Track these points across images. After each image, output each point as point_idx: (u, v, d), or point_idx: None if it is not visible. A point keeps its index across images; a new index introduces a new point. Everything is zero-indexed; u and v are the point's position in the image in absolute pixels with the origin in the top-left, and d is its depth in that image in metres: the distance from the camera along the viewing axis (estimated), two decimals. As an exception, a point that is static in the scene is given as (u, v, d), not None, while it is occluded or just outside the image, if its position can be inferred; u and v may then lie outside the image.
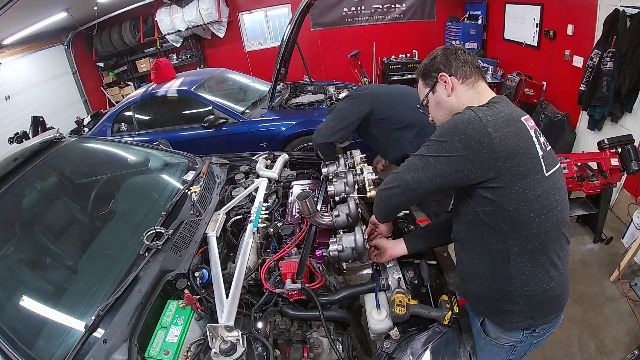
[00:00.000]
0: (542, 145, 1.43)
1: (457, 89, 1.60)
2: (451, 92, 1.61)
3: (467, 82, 1.59)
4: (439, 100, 1.66)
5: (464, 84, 1.59)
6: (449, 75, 1.59)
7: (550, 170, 1.43)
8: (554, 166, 1.46)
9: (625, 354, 2.96)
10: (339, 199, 2.42)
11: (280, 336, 2.10)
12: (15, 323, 1.83)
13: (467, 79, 1.59)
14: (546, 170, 1.41)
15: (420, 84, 1.74)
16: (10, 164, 2.43)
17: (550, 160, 1.45)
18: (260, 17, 9.70)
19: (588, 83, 4.58)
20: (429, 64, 1.67)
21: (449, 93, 1.61)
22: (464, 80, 1.59)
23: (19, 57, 7.69)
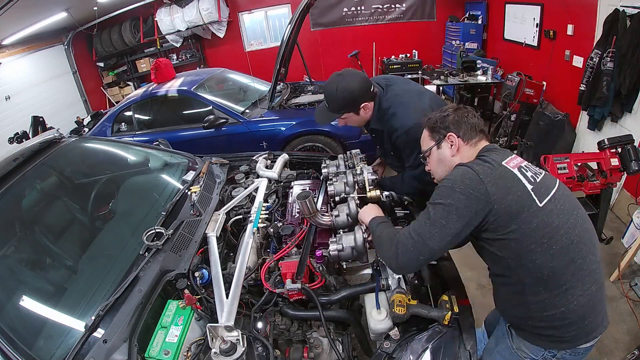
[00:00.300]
0: (531, 179, 1.54)
1: (461, 149, 1.74)
2: (456, 153, 1.75)
3: (471, 143, 1.74)
4: (443, 157, 1.80)
5: (468, 145, 1.74)
6: (457, 137, 1.74)
7: (545, 199, 1.51)
8: (548, 193, 1.54)
9: (625, 354, 2.96)
10: (339, 199, 2.42)
11: (280, 336, 2.10)
12: (15, 323, 1.83)
13: (472, 140, 1.74)
14: (539, 201, 1.50)
15: (426, 135, 1.87)
16: (10, 164, 2.44)
17: (543, 190, 1.53)
18: (260, 17, 9.71)
19: (588, 83, 4.57)
20: (439, 120, 1.79)
21: (454, 153, 1.75)
22: (469, 142, 1.74)
23: (19, 57, 7.69)
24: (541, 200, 1.50)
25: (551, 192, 1.55)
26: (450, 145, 1.76)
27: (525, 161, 1.64)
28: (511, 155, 1.64)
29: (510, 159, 1.60)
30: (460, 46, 8.23)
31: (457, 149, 1.74)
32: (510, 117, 6.19)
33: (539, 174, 1.60)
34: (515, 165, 1.57)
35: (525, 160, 1.65)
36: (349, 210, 2.16)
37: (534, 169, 1.62)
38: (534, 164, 1.68)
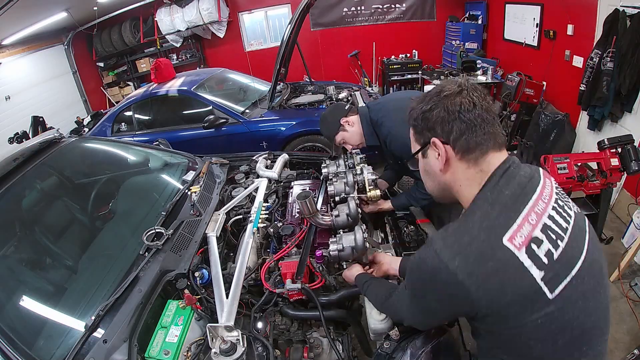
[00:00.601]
0: (545, 258, 1.04)
1: (453, 164, 1.20)
2: (444, 167, 1.22)
3: (468, 158, 1.17)
4: (429, 169, 1.29)
5: (463, 160, 1.18)
6: (444, 144, 1.18)
7: (561, 285, 1.04)
8: (569, 273, 1.06)
9: (625, 354, 2.96)
10: (339, 199, 2.42)
11: (280, 336, 2.09)
12: (15, 323, 1.83)
13: (469, 153, 1.16)
14: (550, 292, 1.03)
15: (412, 134, 1.32)
16: (10, 164, 2.44)
17: (561, 271, 1.05)
18: (260, 17, 9.70)
19: (588, 83, 4.57)
20: (422, 116, 1.22)
21: (441, 167, 1.22)
22: (465, 155, 1.17)
23: (19, 57, 7.69)
24: (555, 287, 1.03)
25: (575, 267, 1.07)
26: (436, 154, 1.21)
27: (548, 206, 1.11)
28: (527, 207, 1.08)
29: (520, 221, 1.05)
30: (460, 46, 8.23)
31: (446, 161, 1.20)
32: (510, 117, 6.20)
33: (564, 236, 1.09)
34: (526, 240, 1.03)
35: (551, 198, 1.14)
36: (349, 210, 2.16)
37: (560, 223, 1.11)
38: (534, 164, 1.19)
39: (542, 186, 1.15)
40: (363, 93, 6.26)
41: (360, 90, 6.43)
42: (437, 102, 1.17)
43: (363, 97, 6.03)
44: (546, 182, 1.18)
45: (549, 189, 1.16)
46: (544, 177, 1.20)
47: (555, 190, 1.17)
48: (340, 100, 5.99)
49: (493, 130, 1.15)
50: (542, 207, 1.10)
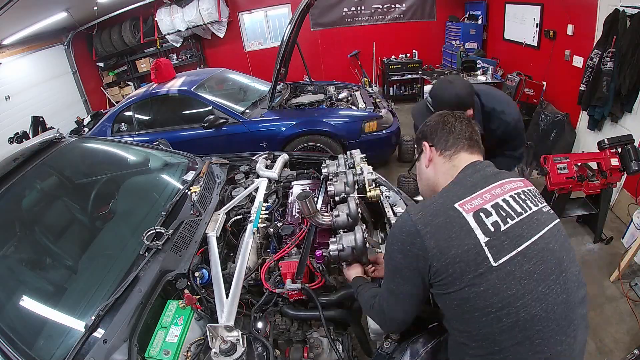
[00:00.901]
0: (492, 227, 1.21)
1: (435, 160, 1.52)
2: (429, 163, 1.54)
3: (445, 155, 1.48)
4: (420, 168, 1.62)
5: (442, 156, 1.49)
6: (430, 146, 1.53)
7: (506, 256, 1.18)
8: (515, 247, 1.20)
9: (625, 354, 2.96)
10: (339, 198, 2.42)
11: (280, 336, 2.09)
12: (15, 323, 1.83)
13: (446, 151, 1.48)
14: (494, 259, 1.17)
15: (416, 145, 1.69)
16: (10, 164, 2.44)
17: (507, 243, 1.20)
18: (260, 17, 9.71)
19: (588, 83, 4.57)
20: (420, 129, 1.62)
21: (427, 164, 1.55)
22: (443, 152, 1.49)
23: (19, 57, 7.69)
24: (499, 256, 1.17)
25: (523, 244, 1.21)
26: (426, 155, 1.55)
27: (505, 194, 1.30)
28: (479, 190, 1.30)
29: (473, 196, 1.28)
30: (460, 46, 8.24)
31: (430, 160, 1.53)
32: (510, 117, 6.19)
33: (515, 216, 1.26)
34: (474, 208, 1.24)
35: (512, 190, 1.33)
36: (349, 210, 2.16)
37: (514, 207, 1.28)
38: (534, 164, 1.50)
39: (506, 181, 1.36)
40: (363, 93, 6.26)
41: (360, 90, 6.43)
42: (433, 118, 1.58)
43: (363, 97, 6.03)
44: (516, 183, 1.38)
45: (514, 185, 1.36)
46: (517, 181, 1.39)
47: (521, 190, 1.35)
48: (341, 101, 6.00)
49: (467, 138, 1.48)
50: (498, 192, 1.31)
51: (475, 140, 1.50)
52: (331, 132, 5.22)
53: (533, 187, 1.43)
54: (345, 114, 5.47)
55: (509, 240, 1.20)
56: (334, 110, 5.63)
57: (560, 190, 3.68)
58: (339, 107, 5.76)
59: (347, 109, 5.68)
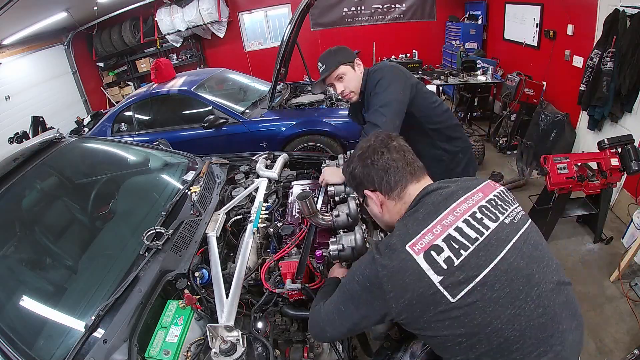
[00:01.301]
0: (445, 264, 1.18)
1: (386, 204, 1.49)
2: (381, 208, 1.51)
3: (393, 196, 1.45)
4: (374, 214, 1.59)
5: (390, 199, 1.46)
6: (373, 191, 1.48)
7: (463, 291, 1.16)
8: (472, 279, 1.17)
9: (625, 353, 2.96)
10: (338, 199, 2.42)
11: (280, 336, 2.09)
12: (15, 323, 1.83)
13: (392, 192, 1.44)
14: (452, 296, 1.15)
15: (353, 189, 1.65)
16: (10, 164, 2.44)
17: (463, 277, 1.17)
18: (260, 17, 9.73)
19: (588, 83, 4.57)
20: (351, 177, 1.55)
21: (380, 210, 1.51)
22: (390, 195, 1.45)
23: (19, 57, 7.70)
24: (456, 292, 1.15)
25: (481, 274, 1.17)
26: (373, 201, 1.50)
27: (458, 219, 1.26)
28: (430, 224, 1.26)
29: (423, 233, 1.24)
30: (460, 46, 8.24)
31: (381, 204, 1.49)
32: (510, 117, 6.21)
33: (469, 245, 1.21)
34: (425, 247, 1.20)
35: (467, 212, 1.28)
36: (349, 210, 2.16)
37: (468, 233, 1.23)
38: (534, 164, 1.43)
39: (461, 201, 1.31)
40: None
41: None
42: (357, 162, 1.49)
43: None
44: (474, 197, 1.33)
45: (470, 202, 1.31)
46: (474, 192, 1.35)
47: (478, 205, 1.31)
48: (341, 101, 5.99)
49: (406, 166, 1.43)
50: (450, 220, 1.26)
51: (414, 164, 1.47)
52: (331, 132, 5.22)
53: (498, 191, 1.40)
54: (345, 114, 5.46)
55: (464, 274, 1.17)
56: (334, 110, 5.63)
57: (560, 190, 3.68)
58: (339, 107, 5.75)
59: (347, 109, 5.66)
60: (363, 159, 1.47)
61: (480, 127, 7.19)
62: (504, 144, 6.35)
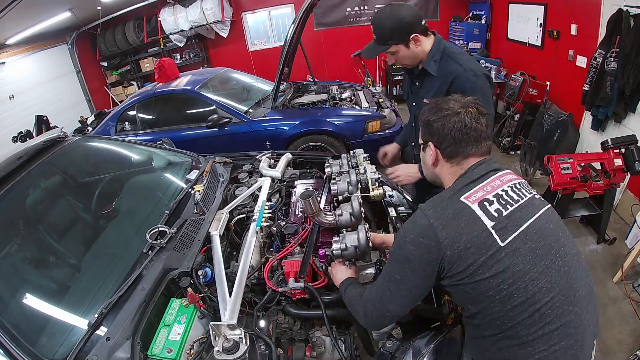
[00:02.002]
0: (495, 213, 1.34)
1: (441, 163, 1.58)
2: (435, 162, 1.59)
3: (452, 161, 1.55)
4: (425, 161, 1.66)
5: (448, 162, 1.56)
6: (435, 147, 1.56)
7: (511, 236, 1.31)
8: (517, 228, 1.34)
9: (627, 355, 2.95)
10: (342, 198, 2.42)
11: (282, 335, 2.10)
12: (18, 320, 1.84)
13: (453, 158, 1.54)
14: (501, 240, 1.30)
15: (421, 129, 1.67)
16: (14, 162, 2.45)
17: (510, 226, 1.33)
18: (263, 16, 9.72)
19: (592, 83, 4.56)
20: (425, 123, 1.60)
21: (433, 162, 1.60)
22: (449, 160, 1.55)
23: (23, 57, 7.72)
24: (505, 237, 1.31)
25: (523, 225, 1.35)
26: (430, 153, 1.59)
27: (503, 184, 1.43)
28: (481, 183, 1.43)
29: (476, 189, 1.41)
30: (463, 46, 8.21)
31: (436, 160, 1.58)
32: (514, 117, 6.18)
33: (513, 203, 1.39)
34: (479, 199, 1.37)
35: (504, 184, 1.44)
36: (352, 210, 2.16)
37: (512, 195, 1.41)
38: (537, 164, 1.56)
39: (503, 174, 1.48)
40: (366, 93, 6.26)
41: (364, 90, 6.44)
42: (438, 117, 1.53)
43: (366, 97, 6.03)
44: (511, 175, 1.50)
45: (510, 177, 1.48)
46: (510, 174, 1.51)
47: (516, 181, 1.48)
48: (344, 100, 6.00)
49: (476, 144, 1.51)
50: (497, 183, 1.43)
51: (483, 138, 1.52)
52: (334, 132, 5.22)
53: (522, 180, 1.53)
54: (349, 114, 5.47)
55: (511, 223, 1.34)
56: (337, 110, 5.63)
57: (563, 191, 3.67)
58: (342, 107, 5.76)
59: (350, 109, 5.68)
60: (445, 120, 1.51)
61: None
62: (508, 144, 6.33)
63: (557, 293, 1.30)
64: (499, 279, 1.28)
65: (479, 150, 1.52)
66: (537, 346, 1.29)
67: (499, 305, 1.30)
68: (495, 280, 1.29)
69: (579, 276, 1.39)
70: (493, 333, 1.35)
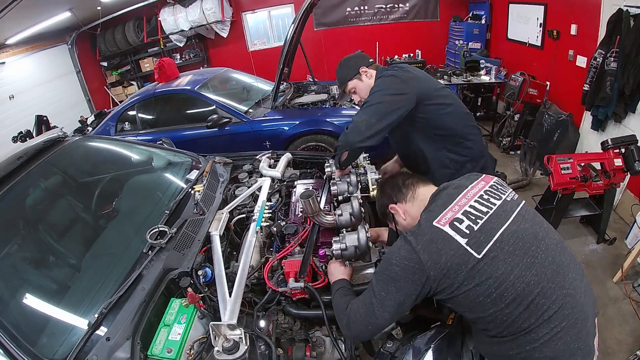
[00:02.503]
0: (467, 230, 1.46)
1: (408, 210, 1.79)
2: (405, 216, 1.80)
3: (409, 200, 1.79)
4: (403, 226, 1.84)
5: (409, 202, 1.79)
6: (396, 203, 1.81)
7: (486, 247, 1.43)
8: (491, 238, 1.45)
9: (627, 355, 2.95)
10: (342, 198, 2.42)
11: (282, 335, 2.10)
12: (18, 321, 1.84)
13: (406, 196, 1.79)
14: (477, 253, 1.42)
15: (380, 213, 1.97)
16: (14, 162, 2.45)
17: (483, 238, 1.45)
18: (263, 16, 9.72)
19: (592, 83, 4.56)
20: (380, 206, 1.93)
21: (405, 218, 1.80)
22: (406, 200, 1.79)
23: (23, 57, 7.71)
24: (480, 249, 1.42)
25: (496, 234, 1.46)
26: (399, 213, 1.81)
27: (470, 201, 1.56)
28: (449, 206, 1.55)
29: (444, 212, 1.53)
30: (463, 46, 8.21)
31: (405, 213, 1.80)
32: (514, 117, 6.19)
33: (483, 216, 1.50)
34: (448, 220, 1.49)
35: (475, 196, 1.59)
36: (352, 210, 2.17)
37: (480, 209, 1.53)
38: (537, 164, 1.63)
39: (468, 190, 1.62)
40: (366, 93, 6.25)
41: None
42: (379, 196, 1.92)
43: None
44: (477, 186, 1.64)
45: (475, 190, 1.62)
46: (477, 182, 1.67)
47: (484, 190, 1.62)
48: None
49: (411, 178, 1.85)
50: (463, 202, 1.56)
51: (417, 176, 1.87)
52: (334, 132, 5.20)
53: (494, 180, 1.70)
54: (349, 114, 5.46)
55: (484, 235, 1.45)
56: (337, 110, 5.62)
57: (563, 191, 3.67)
58: (342, 107, 5.74)
59: (350, 109, 5.67)
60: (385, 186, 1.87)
61: (484, 127, 7.16)
62: (507, 144, 6.33)
63: (546, 282, 1.41)
64: (484, 286, 1.40)
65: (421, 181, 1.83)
66: (540, 331, 1.39)
67: (492, 307, 1.41)
68: (481, 288, 1.40)
69: (564, 262, 1.50)
70: (498, 332, 1.46)
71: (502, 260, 1.41)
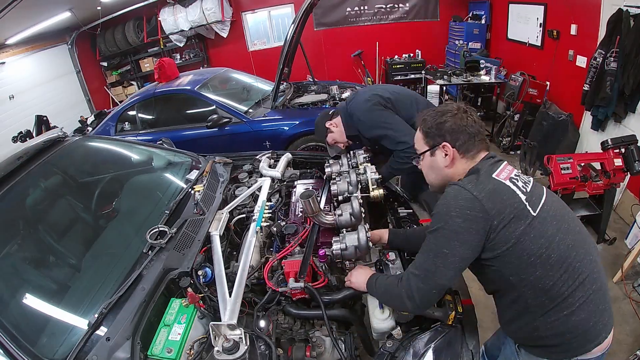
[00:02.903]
0: (523, 188, 1.52)
1: (457, 162, 1.67)
2: (450, 164, 1.68)
3: (468, 156, 1.67)
4: (435, 165, 1.74)
5: (464, 158, 1.67)
6: (452, 147, 1.65)
7: (538, 207, 1.49)
8: (540, 201, 1.52)
9: (627, 355, 2.95)
10: (342, 198, 2.42)
11: (282, 335, 2.10)
12: (18, 321, 1.84)
13: (469, 153, 1.66)
14: (533, 210, 1.47)
15: (420, 137, 1.77)
16: (14, 162, 2.45)
17: (535, 199, 1.51)
18: (263, 16, 9.72)
19: (591, 83, 4.57)
20: (435, 126, 1.67)
21: (448, 164, 1.68)
22: (465, 155, 1.66)
23: (23, 57, 7.71)
24: (535, 208, 1.48)
25: (542, 199, 1.53)
26: (444, 155, 1.67)
27: (515, 170, 1.60)
28: (501, 166, 1.59)
29: (500, 170, 1.56)
30: (463, 46, 8.22)
31: (452, 161, 1.66)
32: (514, 117, 6.19)
33: (529, 183, 1.57)
34: (506, 177, 1.54)
35: (515, 169, 1.61)
36: (352, 210, 2.16)
37: (524, 177, 1.59)
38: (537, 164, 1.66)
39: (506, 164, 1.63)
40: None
41: (364, 90, 6.42)
42: (448, 117, 1.64)
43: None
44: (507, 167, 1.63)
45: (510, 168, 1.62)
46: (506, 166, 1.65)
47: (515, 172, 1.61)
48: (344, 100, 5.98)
49: (483, 138, 1.67)
50: (510, 168, 1.60)
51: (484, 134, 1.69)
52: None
53: None
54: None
55: (535, 197, 1.52)
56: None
57: (563, 191, 3.67)
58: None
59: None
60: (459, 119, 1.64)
61: (484, 127, 7.18)
62: (507, 144, 6.34)
63: (579, 248, 1.51)
64: (537, 244, 1.44)
65: (486, 144, 1.69)
66: (576, 295, 1.47)
67: (540, 268, 1.45)
68: (534, 246, 1.44)
69: (584, 231, 1.61)
70: (536, 300, 1.50)
71: (549, 222, 1.49)
